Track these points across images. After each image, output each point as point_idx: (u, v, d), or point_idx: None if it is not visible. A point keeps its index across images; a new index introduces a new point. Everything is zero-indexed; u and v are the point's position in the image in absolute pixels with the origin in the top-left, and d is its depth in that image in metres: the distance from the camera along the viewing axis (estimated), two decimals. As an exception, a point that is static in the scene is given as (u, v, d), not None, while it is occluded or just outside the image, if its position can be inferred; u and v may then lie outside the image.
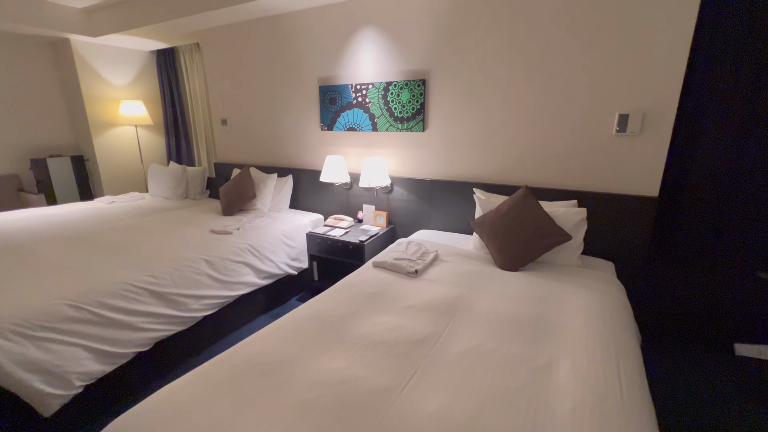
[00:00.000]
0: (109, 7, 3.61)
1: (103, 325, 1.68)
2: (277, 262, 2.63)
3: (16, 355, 1.41)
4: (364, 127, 2.87)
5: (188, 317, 2.03)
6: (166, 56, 4.36)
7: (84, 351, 1.60)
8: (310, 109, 3.13)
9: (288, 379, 1.08)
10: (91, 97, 4.10)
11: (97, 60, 4.12)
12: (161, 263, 2.03)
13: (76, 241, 2.35)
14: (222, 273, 2.25)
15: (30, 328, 1.47)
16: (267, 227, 2.72)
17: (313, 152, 3.23)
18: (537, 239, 1.94)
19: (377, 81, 2.74)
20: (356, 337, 1.30)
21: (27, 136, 4.07)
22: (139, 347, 1.81)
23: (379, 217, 2.86)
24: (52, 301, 1.59)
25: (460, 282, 1.76)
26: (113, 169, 4.38)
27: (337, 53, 2.87)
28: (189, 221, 2.85)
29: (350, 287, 1.72)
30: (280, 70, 3.21)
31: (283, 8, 2.92)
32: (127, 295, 1.79)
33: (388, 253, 2.08)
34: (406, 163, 2.79)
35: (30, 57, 3.99)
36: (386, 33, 2.62)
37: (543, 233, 1.94)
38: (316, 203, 3.26)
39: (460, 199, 2.55)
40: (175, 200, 3.68)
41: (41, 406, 1.46)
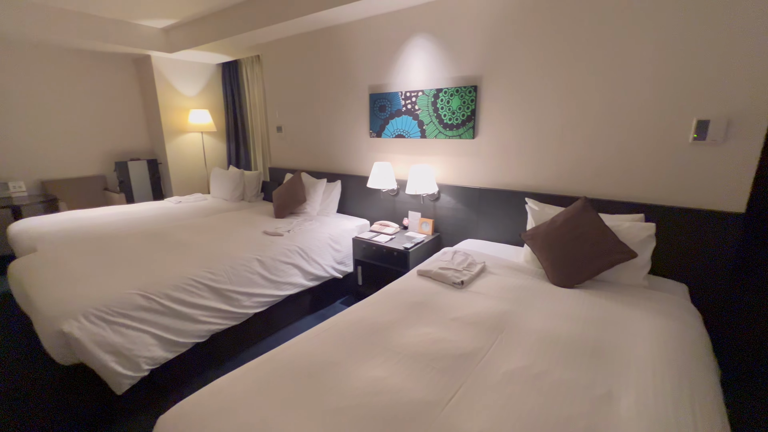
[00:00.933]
0: (185, 26, 3.98)
1: (167, 315, 1.83)
2: (323, 265, 2.70)
3: (97, 336, 1.58)
4: (413, 134, 2.87)
5: (241, 313, 2.15)
6: (231, 68, 4.71)
7: (151, 338, 1.75)
8: (360, 116, 3.20)
9: (329, 384, 1.09)
10: (166, 107, 4.54)
11: (172, 73, 4.56)
12: (219, 261, 2.17)
13: (148, 237, 2.60)
14: (272, 273, 2.35)
15: (108, 314, 1.65)
16: (315, 231, 2.81)
17: (362, 158, 3.29)
18: (597, 255, 1.80)
19: (427, 88, 2.73)
20: (399, 347, 1.29)
21: (112, 141, 4.60)
22: (198, 338, 1.95)
23: (425, 224, 2.83)
24: (126, 290, 1.76)
25: (509, 296, 1.68)
26: (181, 172, 4.80)
27: (388, 61, 2.91)
28: (244, 222, 3.04)
29: (394, 295, 1.72)
30: (333, 79, 3.32)
31: (338, 20, 3.03)
32: (189, 288, 1.94)
33: (433, 262, 2.05)
34: (454, 171, 2.74)
35: (117, 72, 4.52)
36: (437, 40, 2.61)
37: (604, 249, 1.80)
38: (363, 209, 3.31)
39: (510, 209, 2.45)
40: (233, 202, 3.93)
41: (114, 384, 1.62)
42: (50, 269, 2.02)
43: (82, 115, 4.30)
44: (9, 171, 3.84)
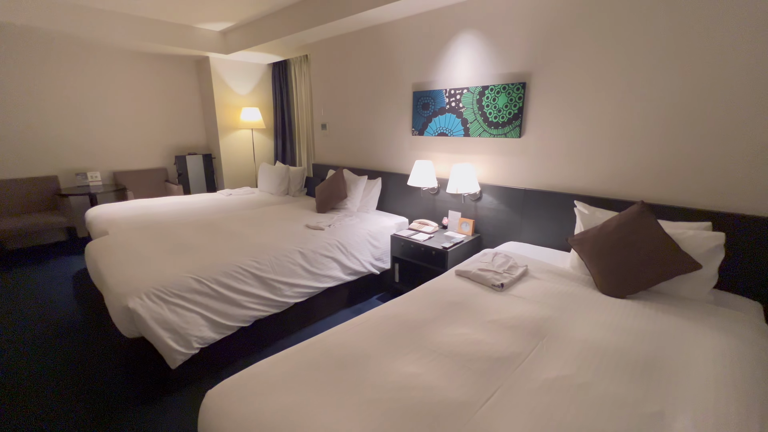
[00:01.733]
0: (240, 28, 4.22)
1: (217, 299, 1.96)
2: (361, 260, 2.75)
3: (156, 314, 1.73)
4: (456, 132, 2.82)
5: (282, 302, 2.25)
6: (280, 68, 4.91)
7: (202, 319, 1.89)
8: (403, 114, 3.20)
9: (362, 376, 1.11)
10: (221, 105, 4.84)
11: (227, 73, 4.84)
12: (264, 251, 2.28)
13: (202, 226, 2.80)
14: (313, 265, 2.43)
15: (166, 294, 1.80)
16: (355, 226, 2.86)
17: (403, 156, 3.29)
18: (653, 264, 1.67)
19: (472, 85, 2.67)
20: (434, 345, 1.28)
21: (173, 137, 4.99)
22: (242, 323, 2.07)
23: (465, 224, 2.78)
24: (182, 274, 1.91)
25: (552, 302, 1.60)
26: (232, 166, 5.09)
27: (432, 59, 2.88)
28: (288, 216, 3.16)
29: (431, 293, 1.71)
30: (377, 78, 3.35)
31: (384, 18, 3.05)
32: (237, 275, 2.06)
33: (472, 263, 2.01)
34: (497, 171, 2.66)
35: (180, 73, 4.89)
36: (485, 36, 2.54)
37: (662, 258, 1.66)
38: (403, 206, 3.32)
39: (556, 212, 2.33)
40: (278, 196, 4.11)
41: (169, 359, 1.77)
42: (119, 251, 2.24)
43: (149, 113, 4.71)
44: (87, 163, 4.30)
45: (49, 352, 2.20)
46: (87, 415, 1.72)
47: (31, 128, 3.89)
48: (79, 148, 4.22)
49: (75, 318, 2.59)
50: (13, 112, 3.77)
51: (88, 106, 4.21)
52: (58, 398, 1.82)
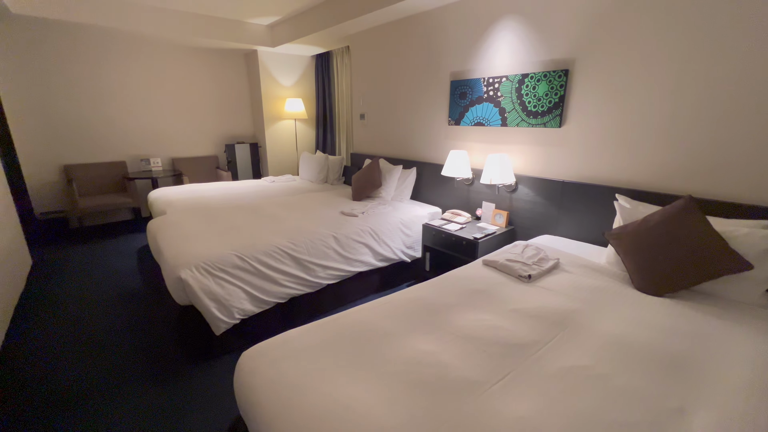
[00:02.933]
0: (286, 22, 4.39)
1: (257, 276, 2.13)
2: (392, 247, 2.81)
3: (203, 285, 1.93)
4: (493, 122, 2.77)
5: (315, 282, 2.38)
6: (323, 59, 5.05)
7: (243, 293, 2.06)
8: (440, 103, 3.19)
9: (380, 349, 1.18)
10: (267, 96, 5.09)
11: (274, 65, 5.07)
12: (301, 234, 2.42)
13: (246, 210, 3.01)
14: (345, 249, 2.54)
15: (213, 268, 1.98)
16: (387, 214, 2.93)
17: (438, 146, 3.29)
18: (698, 263, 1.56)
19: (512, 73, 2.60)
20: (453, 328, 1.32)
21: (224, 127, 5.34)
22: (279, 299, 2.23)
23: (499, 216, 2.74)
24: (226, 251, 2.10)
25: (580, 296, 1.57)
26: (276, 155, 5.36)
27: (471, 47, 2.84)
28: (325, 202, 3.30)
29: (456, 280, 1.74)
30: (415, 68, 3.35)
31: (423, 7, 3.04)
32: (275, 255, 2.21)
33: (501, 254, 2.00)
34: (535, 161, 2.59)
35: (230, 66, 5.20)
36: (527, 20, 2.46)
37: (707, 256, 1.55)
38: (437, 196, 3.33)
39: (596, 206, 2.24)
40: (318, 183, 4.28)
41: (214, 326, 1.96)
42: (174, 229, 2.49)
43: (203, 104, 5.07)
44: (151, 150, 4.75)
45: (117, 314, 2.51)
46: (145, 369, 1.96)
47: (105, 119, 4.36)
48: (143, 136, 4.67)
49: (137, 286, 2.92)
50: (91, 104, 4.24)
51: (151, 99, 4.63)
52: (123, 353, 2.09)
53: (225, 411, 1.69)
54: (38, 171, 4.06)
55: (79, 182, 4.18)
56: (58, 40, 3.94)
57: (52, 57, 3.94)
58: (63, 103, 4.08)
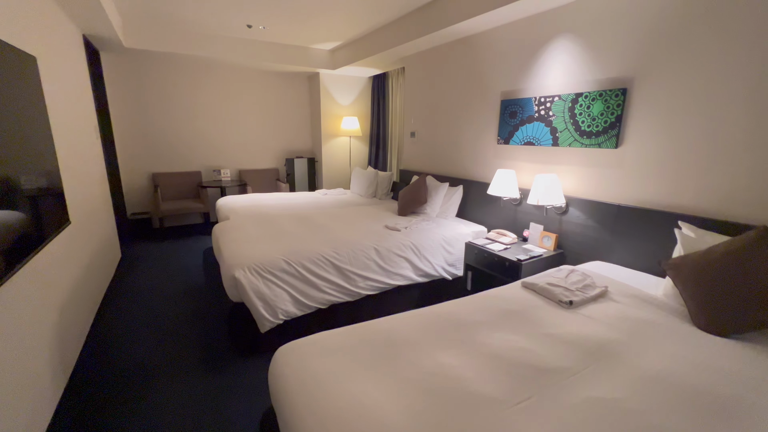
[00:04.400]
0: (347, 46, 4.71)
1: (301, 280, 2.28)
2: (434, 264, 2.83)
3: (253, 285, 2.12)
4: (543, 142, 2.70)
5: (355, 292, 2.48)
6: (379, 80, 5.30)
7: (287, 295, 2.22)
8: (489, 122, 3.19)
9: (405, 357, 1.22)
10: (326, 114, 5.45)
11: (333, 86, 5.43)
12: (344, 245, 2.55)
13: (298, 219, 3.23)
14: (386, 262, 2.61)
15: (262, 270, 2.17)
16: (430, 231, 2.96)
17: (486, 165, 3.27)
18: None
19: (564, 92, 2.53)
20: (479, 345, 1.31)
21: (286, 142, 5.79)
22: (320, 304, 2.35)
23: (547, 238, 2.63)
24: (276, 255, 2.28)
25: (625, 327, 1.46)
26: (330, 169, 5.67)
27: (522, 67, 2.82)
28: (371, 216, 3.42)
29: (489, 299, 1.72)
30: (465, 87, 3.40)
31: (476, 29, 3.10)
32: (318, 262, 2.35)
33: (542, 277, 1.93)
34: (588, 183, 2.47)
35: (294, 87, 5.67)
36: (581, 39, 2.40)
37: (784, 296, 1.37)
38: (482, 215, 3.29)
39: (655, 232, 2.07)
40: (367, 197, 4.45)
41: (260, 324, 2.13)
42: (234, 233, 2.76)
43: (268, 121, 5.57)
44: (222, 162, 5.31)
45: (183, 305, 2.83)
46: (200, 356, 2.18)
47: (187, 134, 4.99)
48: (216, 149, 5.24)
49: (200, 282, 3.26)
50: (176, 121, 4.89)
51: (225, 117, 5.21)
52: (184, 341, 2.35)
53: (261, 401, 1.82)
54: (132, 177, 4.74)
55: (162, 188, 4.80)
56: (152, 68, 4.64)
57: (149, 82, 4.65)
58: (155, 121, 4.76)
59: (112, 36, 3.47)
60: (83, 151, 2.81)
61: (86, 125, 3.02)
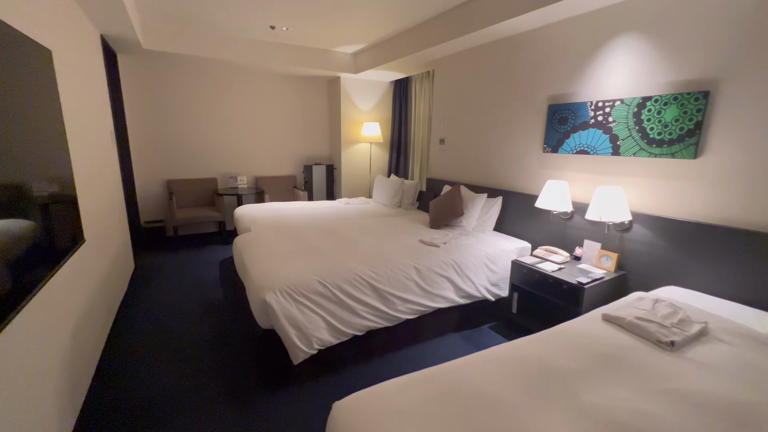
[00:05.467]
0: (370, 49, 4.51)
1: (337, 304, 2.03)
2: (476, 284, 2.56)
3: (286, 310, 1.87)
4: (601, 151, 2.44)
5: (394, 316, 2.22)
6: (401, 85, 5.09)
7: (322, 322, 1.97)
8: (533, 129, 2.93)
9: (498, 427, 0.96)
10: (346, 120, 5.24)
11: (354, 91, 5.23)
12: (381, 263, 2.30)
13: (324, 232, 3.00)
14: (427, 282, 2.36)
15: (296, 293, 1.93)
16: (471, 247, 2.70)
17: (529, 175, 3.01)
18: None
19: (628, 96, 2.28)
20: (586, 405, 1.05)
21: (304, 148, 5.58)
22: (357, 331, 2.10)
23: (606, 258, 2.36)
24: (309, 276, 2.04)
25: (757, 380, 1.19)
26: (350, 177, 5.44)
27: (575, 69, 2.58)
28: (402, 229, 3.17)
29: (572, 338, 1.45)
30: (504, 91, 3.16)
31: (518, 29, 2.86)
32: (355, 283, 2.11)
33: (624, 308, 1.66)
34: (657, 197, 2.20)
35: (313, 92, 5.48)
36: (649, 37, 2.15)
37: None
38: (524, 229, 3.02)
39: (746, 255, 1.79)
40: (391, 207, 4.20)
41: (293, 354, 1.88)
42: (259, 247, 2.53)
43: (286, 127, 5.38)
44: (238, 168, 5.12)
45: (201, 325, 2.59)
46: (223, 389, 1.93)
47: (203, 139, 4.81)
48: (233, 155, 5.05)
49: (218, 299, 3.02)
50: (193, 126, 4.72)
51: (242, 122, 5.03)
52: (205, 369, 2.11)
53: (299, 452, 1.56)
54: (146, 184, 4.56)
55: (177, 195, 4.61)
56: (170, 71, 4.48)
57: (166, 85, 4.48)
58: (171, 125, 4.59)
59: (131, 36, 3.30)
60: (100, 158, 2.61)
61: (102, 130, 2.83)
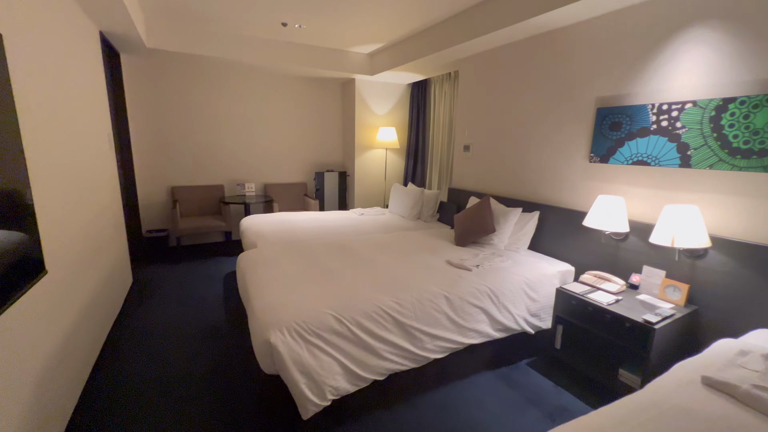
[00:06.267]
0: (388, 49, 4.21)
1: (355, 344, 1.70)
2: (515, 315, 2.20)
3: (295, 353, 1.55)
4: (665, 161, 2.08)
5: (422, 356, 1.88)
6: (420, 88, 4.77)
7: (338, 366, 1.64)
8: (577, 136, 2.58)
9: None
10: (360, 124, 4.94)
11: (369, 94, 4.93)
12: (406, 290, 1.96)
13: (338, 249, 2.67)
14: (459, 315, 2.01)
15: (306, 332, 1.60)
16: (508, 270, 2.34)
17: (572, 188, 2.65)
18: None
19: (702, 98, 1.91)
20: None
21: (314, 154, 5.29)
22: (378, 375, 1.76)
23: (673, 289, 1.98)
24: (323, 309, 1.71)
25: None
26: (364, 185, 5.13)
27: (631, 66, 2.22)
28: (424, 246, 2.83)
29: (668, 413, 1.09)
30: (541, 93, 2.81)
31: (559, 23, 2.52)
32: (377, 318, 1.77)
33: (728, 367, 1.29)
34: (742, 219, 1.82)
35: (326, 95, 5.19)
36: (732, 26, 1.79)
37: None
38: (564, 249, 2.65)
39: None
40: (410, 219, 3.86)
41: (302, 408, 1.55)
42: (265, 270, 2.21)
43: (297, 131, 5.09)
44: (246, 175, 4.84)
45: (199, 356, 2.28)
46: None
47: (210, 144, 4.55)
48: (241, 161, 4.78)
49: (221, 321, 2.71)
50: (199, 130, 4.46)
51: (251, 126, 4.76)
52: (200, 410, 1.79)
53: None
54: (150, 191, 4.31)
55: (182, 203, 4.35)
56: (175, 71, 4.23)
57: (171, 87, 4.23)
58: (176, 129, 4.34)
59: (133, 34, 3.05)
60: (87, 164, 2.33)
61: (98, 133, 2.56)
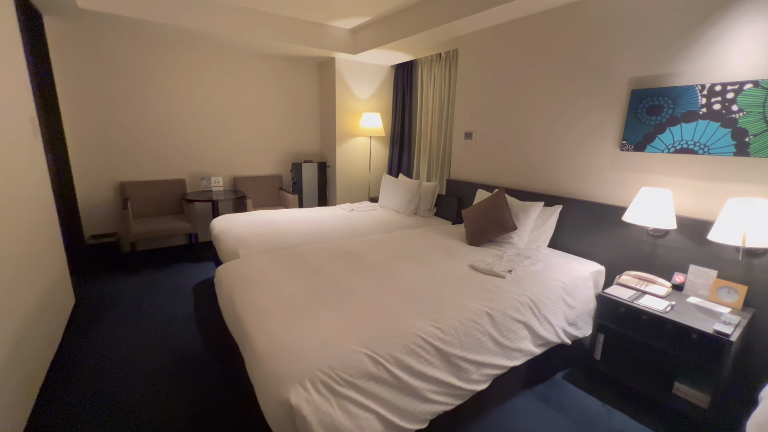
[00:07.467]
0: (373, 24, 3.74)
1: (395, 389, 1.32)
2: (555, 326, 1.93)
3: (324, 415, 1.14)
4: (716, 149, 1.87)
5: (467, 390, 1.54)
6: (405, 70, 4.37)
7: (378, 422, 1.26)
8: (605, 121, 2.33)
9: None
10: (341, 110, 4.45)
11: (350, 75, 4.44)
12: (441, 310, 1.61)
13: (341, 256, 2.25)
14: (503, 334, 1.69)
15: (336, 381, 1.20)
16: (543, 275, 2.06)
17: (598, 178, 2.41)
18: None
19: (765, 77, 1.70)
20: None
21: (290, 143, 4.73)
22: (419, 423, 1.40)
23: (727, 290, 1.80)
24: (352, 347, 1.31)
25: None
26: (345, 176, 4.67)
27: (675, 42, 1.98)
28: (437, 247, 2.49)
29: None
30: (561, 75, 2.53)
31: (594, -10, 2.24)
32: (419, 351, 1.40)
33: None
34: (810, 213, 1.65)
35: (301, 76, 4.62)
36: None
37: None
38: (588, 246, 2.43)
39: None
40: (406, 215, 3.49)
41: (335, 485, 1.15)
42: (259, 288, 1.75)
43: (268, 118, 4.49)
44: (212, 167, 4.20)
45: (170, 395, 1.80)
46: None
47: (167, 131, 3.86)
48: (205, 152, 4.13)
49: (197, 350, 2.21)
50: (152, 114, 3.75)
51: (216, 110, 4.11)
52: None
53: None
54: (92, 188, 3.57)
55: (134, 202, 3.66)
56: (119, 42, 3.48)
57: (114, 62, 3.49)
58: (123, 112, 3.61)
59: (58, -13, 2.35)
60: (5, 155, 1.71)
61: (15, 116, 1.91)
